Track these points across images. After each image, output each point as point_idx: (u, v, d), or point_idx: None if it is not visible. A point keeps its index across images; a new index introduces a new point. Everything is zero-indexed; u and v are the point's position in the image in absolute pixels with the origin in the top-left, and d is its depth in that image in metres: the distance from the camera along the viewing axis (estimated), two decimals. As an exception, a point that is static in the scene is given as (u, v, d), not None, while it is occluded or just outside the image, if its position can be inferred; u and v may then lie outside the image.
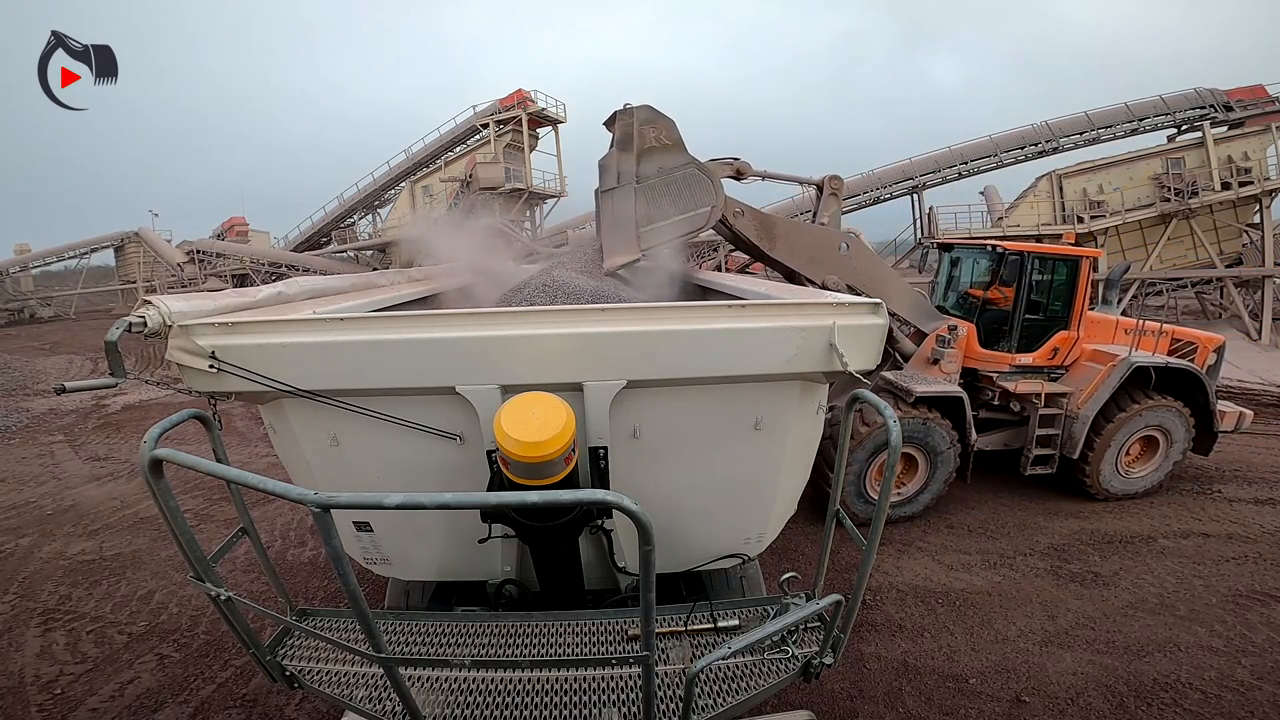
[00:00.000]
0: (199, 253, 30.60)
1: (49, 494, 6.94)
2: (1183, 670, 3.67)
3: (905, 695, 3.50)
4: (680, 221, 4.31)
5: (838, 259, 5.36)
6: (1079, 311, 6.17)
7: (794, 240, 5.27)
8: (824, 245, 5.38)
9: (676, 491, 2.30)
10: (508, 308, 2.53)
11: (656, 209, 4.23)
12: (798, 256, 5.20)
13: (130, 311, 1.97)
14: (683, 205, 4.30)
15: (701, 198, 4.36)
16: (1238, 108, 18.94)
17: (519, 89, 24.70)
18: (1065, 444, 5.96)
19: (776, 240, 5.14)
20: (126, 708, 3.47)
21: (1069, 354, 6.24)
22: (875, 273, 5.63)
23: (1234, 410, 6.37)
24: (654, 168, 4.22)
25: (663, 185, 4.25)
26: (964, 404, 5.57)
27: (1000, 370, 6.14)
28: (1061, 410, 5.94)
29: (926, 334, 5.95)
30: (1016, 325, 6.10)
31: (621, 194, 4.15)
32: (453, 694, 1.98)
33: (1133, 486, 6.15)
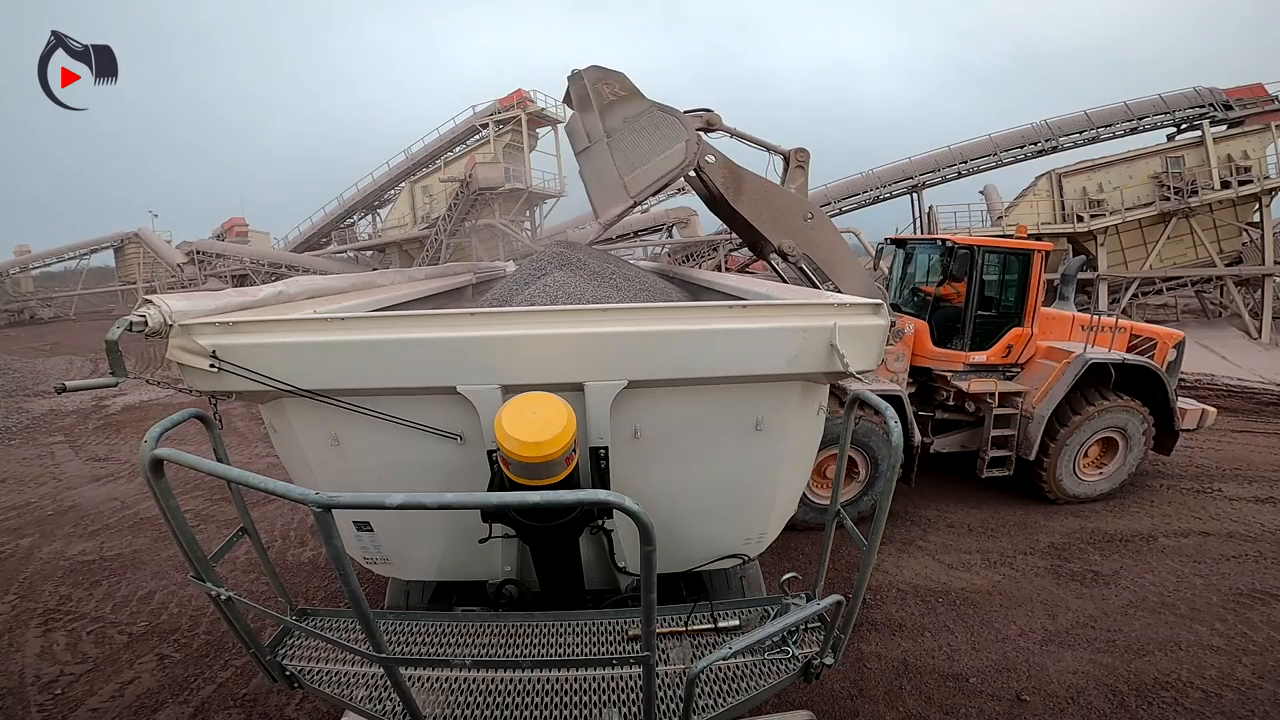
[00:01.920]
0: (199, 253, 30.61)
1: (49, 494, 6.94)
2: (1184, 669, 3.67)
3: (905, 694, 3.50)
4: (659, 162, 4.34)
5: (800, 227, 5.28)
6: (1032, 307, 5.99)
7: (760, 197, 5.19)
8: (789, 210, 5.29)
9: (677, 492, 2.30)
10: (508, 308, 2.53)
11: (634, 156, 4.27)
12: (760, 213, 5.13)
13: (131, 311, 1.97)
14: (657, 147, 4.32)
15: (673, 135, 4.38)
16: (1237, 106, 18.94)
17: (519, 89, 24.69)
18: (1021, 445, 5.78)
19: (743, 193, 5.06)
20: (127, 708, 3.47)
21: (1023, 351, 6.06)
22: (833, 251, 5.51)
23: (1196, 408, 6.20)
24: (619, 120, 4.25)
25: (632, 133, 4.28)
26: (904, 403, 5.32)
27: (954, 369, 5.97)
28: (1017, 410, 5.76)
29: None
30: (969, 322, 5.94)
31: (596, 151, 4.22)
32: (453, 694, 1.98)
33: (1091, 489, 5.96)
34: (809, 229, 5.32)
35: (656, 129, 4.33)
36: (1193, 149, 18.07)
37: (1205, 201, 17.22)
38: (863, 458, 5.34)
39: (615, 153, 4.22)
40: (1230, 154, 17.80)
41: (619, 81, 4.27)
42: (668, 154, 4.33)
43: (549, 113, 25.36)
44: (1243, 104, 18.94)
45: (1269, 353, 14.80)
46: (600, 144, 4.22)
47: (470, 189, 23.48)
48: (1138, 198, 17.91)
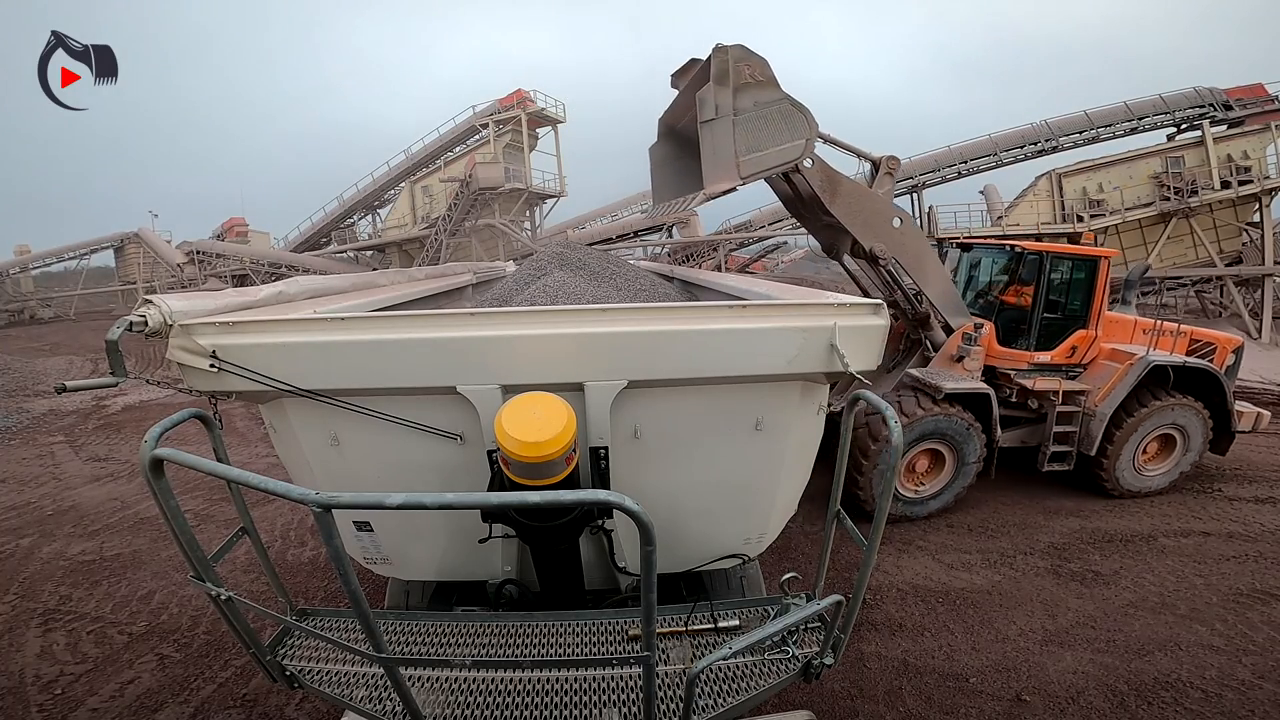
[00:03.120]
0: (199, 253, 30.59)
1: (49, 494, 6.94)
2: (1183, 669, 3.67)
3: (905, 694, 3.50)
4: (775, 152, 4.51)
5: (890, 231, 5.51)
6: (1097, 310, 6.23)
7: (854, 201, 5.40)
8: (880, 214, 5.53)
9: (677, 492, 2.30)
10: (508, 308, 2.53)
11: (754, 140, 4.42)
12: (854, 217, 5.35)
13: (131, 311, 1.97)
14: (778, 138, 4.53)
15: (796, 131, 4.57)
16: (1237, 106, 18.94)
17: (519, 89, 24.69)
18: (1082, 441, 6.00)
19: (838, 196, 5.26)
20: (127, 708, 3.47)
21: (1087, 352, 6.29)
22: (920, 255, 5.75)
23: (1251, 410, 6.43)
24: (750, 102, 4.41)
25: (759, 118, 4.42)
26: (991, 401, 5.61)
27: (1018, 368, 6.19)
28: (1079, 408, 5.96)
29: (953, 328, 6.00)
30: (1035, 324, 6.17)
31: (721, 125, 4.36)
32: (453, 694, 1.98)
33: (1149, 484, 6.17)
34: (899, 233, 5.56)
35: (784, 120, 4.49)
36: (1193, 149, 18.07)
37: (1205, 201, 17.21)
38: (951, 452, 5.54)
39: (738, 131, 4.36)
40: (1230, 154, 17.79)
41: (760, 66, 4.39)
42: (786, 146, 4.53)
43: (549, 113, 25.36)
44: (1243, 104, 18.94)
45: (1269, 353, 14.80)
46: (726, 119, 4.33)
47: (470, 189, 23.47)
48: (1138, 198, 17.91)
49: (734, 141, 4.38)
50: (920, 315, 6.00)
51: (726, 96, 4.34)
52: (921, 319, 6.02)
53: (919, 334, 6.26)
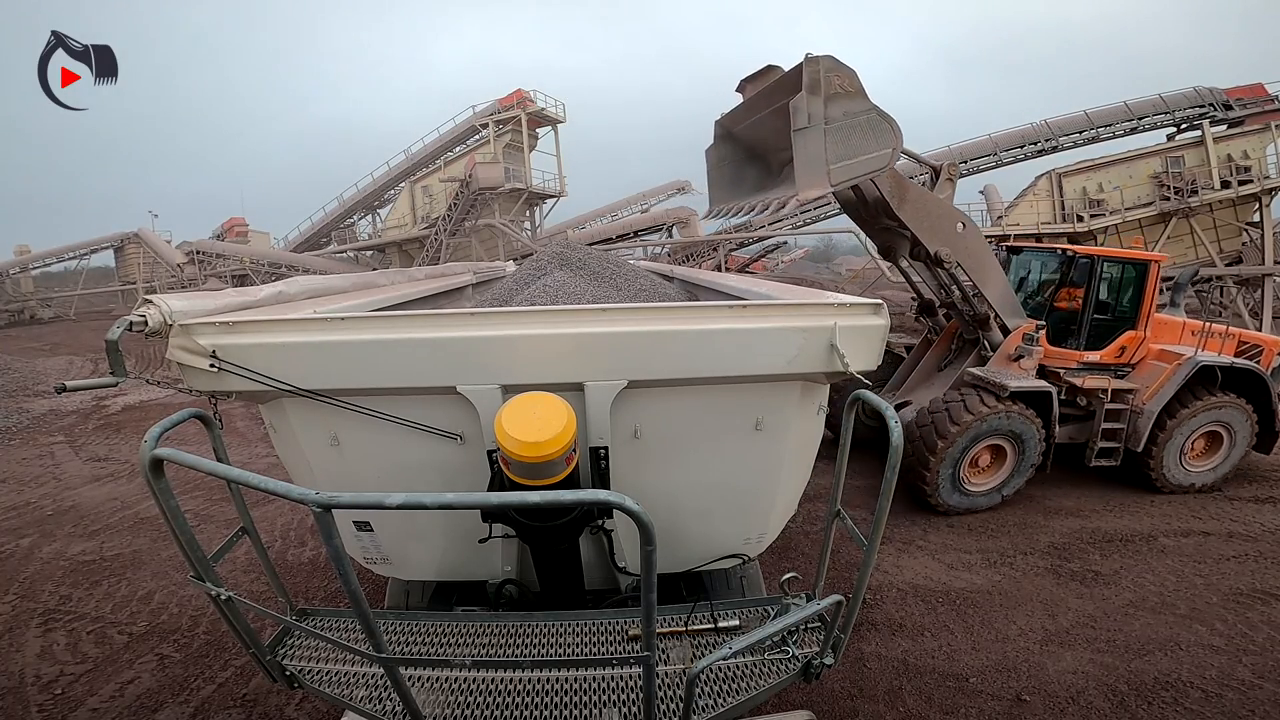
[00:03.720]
0: (199, 253, 30.59)
1: (49, 495, 6.94)
2: (1184, 669, 3.67)
3: (905, 694, 3.50)
4: (863, 161, 4.73)
5: (954, 235, 5.80)
6: (1147, 312, 6.44)
7: (921, 206, 5.66)
8: (945, 219, 5.84)
9: (677, 492, 2.30)
10: (508, 308, 2.53)
11: (843, 148, 4.64)
12: (920, 221, 5.60)
13: (131, 311, 1.97)
14: (866, 146, 4.71)
15: (883, 140, 4.79)
16: (1237, 106, 18.94)
17: (518, 89, 24.69)
18: (1130, 437, 6.18)
19: (906, 202, 5.50)
20: (127, 708, 3.47)
21: (1136, 353, 6.50)
22: (981, 259, 6.03)
23: None
24: (839, 111, 4.60)
25: (848, 127, 4.63)
26: (1052, 399, 5.81)
27: (1068, 367, 6.40)
28: (1127, 405, 6.14)
29: (1010, 329, 6.19)
30: (1085, 324, 6.41)
31: (813, 133, 4.54)
32: (453, 694, 1.98)
33: (1195, 480, 6.31)
34: (962, 237, 5.84)
35: (871, 130, 4.69)
36: (1193, 149, 18.06)
37: (1205, 201, 17.21)
38: (1013, 447, 5.77)
39: (829, 139, 4.57)
40: (1230, 154, 17.79)
41: (849, 78, 4.60)
42: (874, 155, 4.76)
43: (549, 113, 25.35)
44: (1243, 104, 18.94)
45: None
46: (818, 128, 4.53)
47: (470, 189, 23.47)
48: (1138, 197, 17.91)
49: (825, 149, 4.58)
50: (980, 316, 6.22)
51: (818, 106, 4.53)
52: (981, 320, 6.24)
53: (975, 334, 6.47)
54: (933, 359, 7.18)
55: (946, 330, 7.16)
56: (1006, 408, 5.58)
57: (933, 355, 7.21)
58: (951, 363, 6.90)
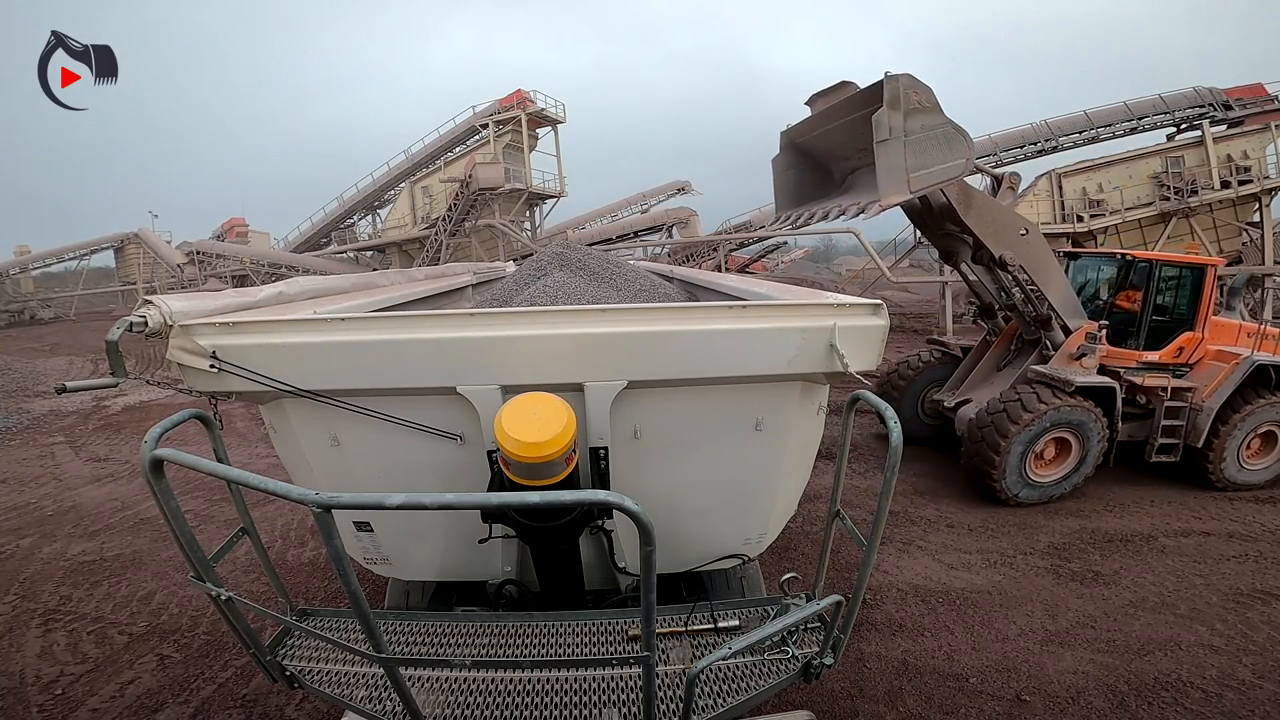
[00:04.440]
0: (199, 254, 30.61)
1: (50, 495, 6.94)
2: (1184, 669, 3.67)
3: (905, 694, 3.50)
4: (940, 170, 5.14)
5: (1017, 240, 6.13)
6: (1204, 314, 6.67)
7: (986, 213, 6.03)
8: (1009, 225, 6.19)
9: (677, 492, 2.30)
10: (508, 308, 2.53)
11: (921, 159, 5.01)
12: (985, 227, 5.97)
13: (131, 311, 1.97)
14: (942, 157, 5.12)
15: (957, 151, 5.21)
16: (1237, 106, 18.94)
17: (518, 89, 24.69)
18: (1189, 434, 6.35)
19: (972, 209, 5.86)
20: (127, 708, 3.47)
21: (1194, 353, 6.70)
22: (1044, 262, 6.34)
23: None
24: (917, 125, 4.97)
25: (926, 139, 5.01)
26: (1115, 395, 6.07)
27: (1127, 366, 6.61)
28: (1187, 403, 6.32)
29: (1070, 329, 6.43)
30: (1144, 326, 6.65)
31: (893, 145, 4.93)
32: (453, 694, 1.98)
33: (1252, 478, 6.47)
34: (1025, 242, 6.16)
35: (947, 141, 5.10)
36: (1193, 149, 18.06)
37: (1205, 201, 17.21)
38: (1077, 441, 5.98)
39: (908, 151, 4.96)
40: (1230, 154, 17.79)
41: (925, 94, 5.00)
42: (950, 165, 5.18)
43: (549, 113, 25.36)
44: (1242, 104, 18.94)
45: (1269, 353, 14.78)
46: (898, 140, 4.92)
47: (470, 189, 23.47)
48: (1138, 198, 17.90)
49: (905, 160, 4.95)
50: (1042, 317, 6.49)
51: (898, 119, 4.90)
52: (1043, 320, 6.50)
53: (1036, 334, 6.72)
54: (992, 359, 7.41)
55: (1005, 331, 7.39)
56: (1072, 402, 5.82)
57: (992, 355, 7.44)
58: (1011, 362, 7.15)
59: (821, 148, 6.31)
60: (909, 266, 26.72)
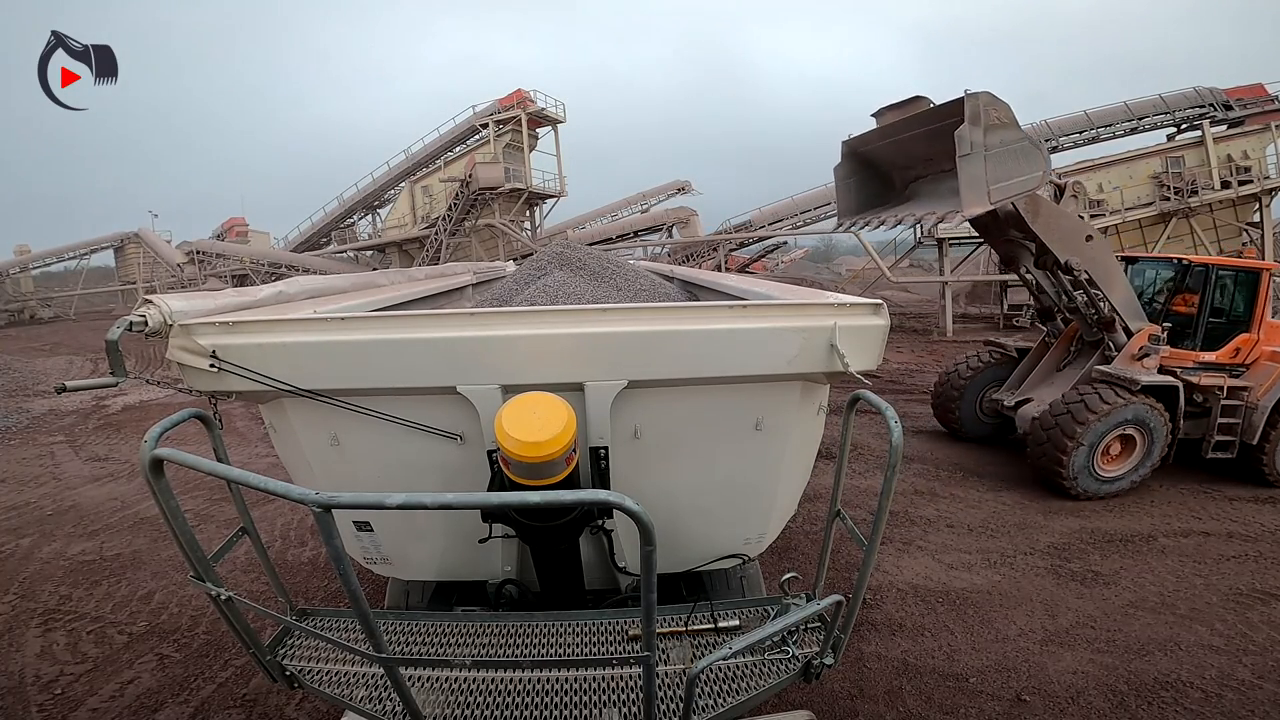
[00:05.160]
0: (199, 253, 30.63)
1: (49, 494, 6.94)
2: (1183, 669, 3.67)
3: (905, 694, 3.50)
4: (1019, 182, 5.45)
5: (1083, 246, 6.38)
6: (1260, 316, 6.86)
7: (1052, 220, 6.26)
8: (1076, 232, 6.47)
9: (677, 492, 2.30)
10: (508, 308, 2.53)
11: (1001, 172, 5.34)
12: (1051, 233, 6.21)
13: (131, 311, 1.97)
14: (1020, 170, 5.43)
15: (1034, 165, 5.53)
16: (1237, 106, 18.96)
17: (518, 89, 24.70)
18: (1245, 431, 6.51)
19: (1039, 216, 6.10)
20: (127, 708, 3.47)
21: (1250, 354, 6.89)
22: (1108, 266, 6.60)
23: None
24: (997, 140, 5.29)
25: (1005, 153, 5.32)
26: (1178, 393, 6.26)
27: (1184, 366, 6.79)
28: (1242, 402, 6.49)
29: (1132, 331, 6.65)
30: (1200, 327, 6.87)
31: (975, 159, 5.24)
32: (453, 694, 1.98)
33: None
34: (1090, 247, 6.41)
35: (1025, 155, 5.43)
36: (1193, 149, 18.08)
37: (1205, 201, 17.23)
38: (1142, 437, 6.19)
39: (989, 164, 5.28)
40: (1230, 154, 17.81)
41: (1004, 111, 5.34)
42: (1028, 177, 5.48)
43: (549, 113, 25.36)
44: (1243, 104, 18.96)
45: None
46: (979, 154, 5.25)
47: (470, 189, 23.48)
48: (1138, 198, 17.91)
49: (985, 173, 5.26)
50: (1105, 319, 6.72)
51: (979, 135, 5.22)
52: (1106, 323, 6.73)
53: (1097, 336, 6.96)
54: (1052, 360, 7.57)
55: (1065, 333, 7.56)
56: (1138, 400, 6.03)
57: (1052, 356, 7.59)
58: (1071, 363, 7.37)
59: (884, 157, 6.63)
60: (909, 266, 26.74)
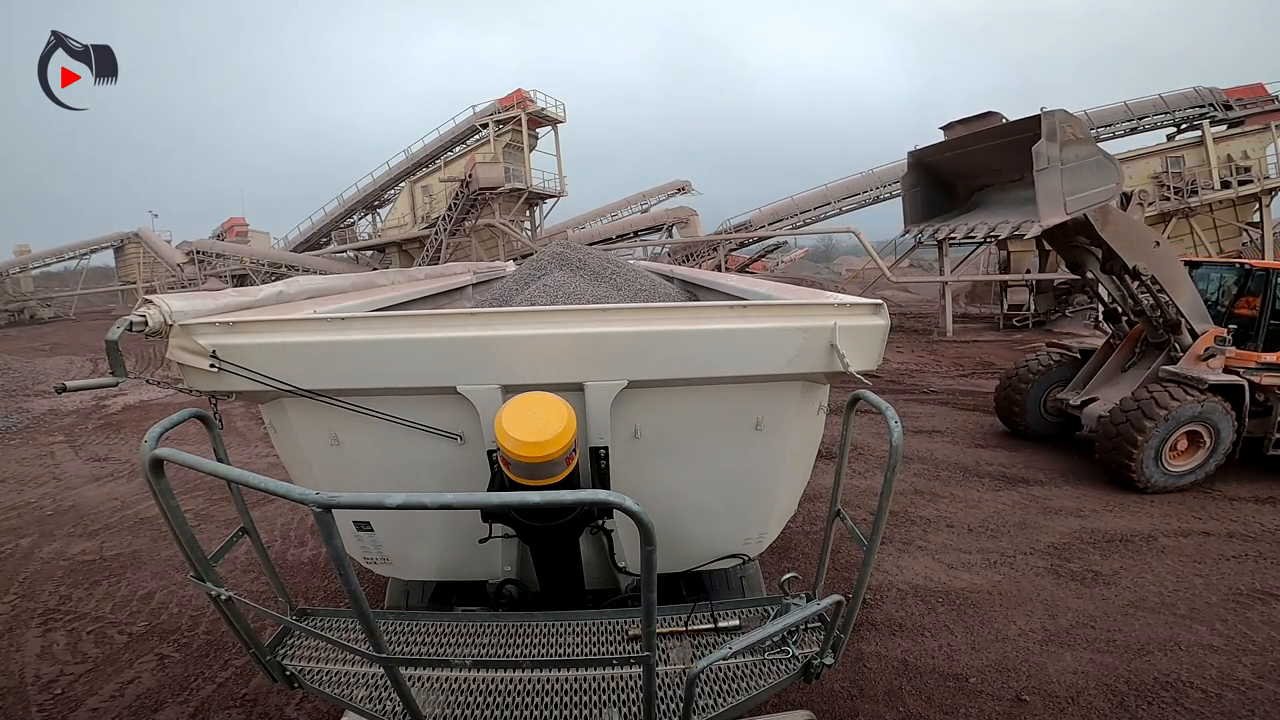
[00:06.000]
0: (199, 253, 30.63)
1: (49, 494, 6.95)
2: (1183, 669, 3.67)
3: (905, 694, 3.50)
4: (1094, 194, 5.72)
5: (1150, 252, 6.66)
6: None
7: (1121, 227, 6.51)
8: (1144, 238, 6.75)
9: (677, 492, 2.30)
10: (508, 308, 2.53)
11: (1076, 184, 5.60)
12: (1120, 240, 6.45)
13: (131, 311, 1.97)
14: (1095, 182, 5.71)
15: (1108, 177, 5.82)
16: (1237, 106, 18.97)
17: (518, 89, 24.70)
18: None
19: (1109, 224, 6.34)
20: (127, 708, 3.47)
21: None
22: (1174, 271, 6.85)
23: None
24: (1072, 155, 5.56)
25: (1080, 166, 5.60)
26: (1244, 392, 6.43)
27: (1246, 366, 6.92)
28: None
29: (1198, 333, 6.86)
30: (1262, 329, 7.03)
31: (1051, 173, 5.51)
32: (453, 694, 1.98)
33: None
34: (1157, 253, 6.69)
35: (1099, 168, 5.74)
36: (1193, 149, 18.09)
37: (1205, 201, 17.24)
38: (1209, 434, 6.40)
39: (1064, 177, 5.56)
40: (1230, 154, 17.81)
41: (1079, 127, 5.69)
42: (1103, 189, 5.78)
43: (549, 112, 25.36)
44: (1243, 104, 18.96)
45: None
46: (1055, 168, 5.52)
47: (470, 189, 23.48)
48: (1138, 197, 17.89)
49: (1061, 185, 5.53)
50: (1172, 321, 6.95)
51: (1055, 150, 5.49)
52: (1173, 325, 6.96)
53: (1162, 338, 7.21)
54: (1117, 361, 7.77)
55: (1130, 335, 7.76)
56: (1205, 398, 6.21)
57: (1117, 358, 7.78)
58: (1135, 364, 7.59)
59: (951, 168, 7.02)
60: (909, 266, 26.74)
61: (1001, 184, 6.72)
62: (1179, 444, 6.38)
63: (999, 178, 6.71)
